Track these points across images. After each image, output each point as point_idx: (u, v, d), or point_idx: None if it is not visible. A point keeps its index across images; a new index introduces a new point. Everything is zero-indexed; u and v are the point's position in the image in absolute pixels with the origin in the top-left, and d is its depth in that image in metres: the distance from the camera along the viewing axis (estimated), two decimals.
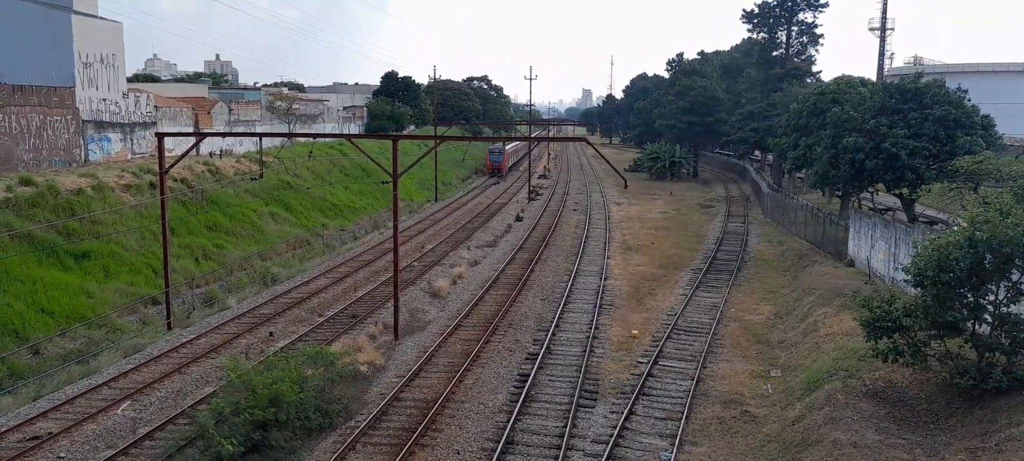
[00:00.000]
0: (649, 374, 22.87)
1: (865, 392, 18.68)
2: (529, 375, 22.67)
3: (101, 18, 44.77)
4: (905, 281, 18.84)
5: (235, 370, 19.28)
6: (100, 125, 41.97)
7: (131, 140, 44.83)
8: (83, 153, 40.42)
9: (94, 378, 22.39)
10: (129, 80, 54.71)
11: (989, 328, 17.12)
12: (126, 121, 44.31)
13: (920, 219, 35.52)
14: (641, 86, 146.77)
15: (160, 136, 29.04)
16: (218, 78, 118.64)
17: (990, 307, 16.98)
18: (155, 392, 21.59)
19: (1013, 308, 16.83)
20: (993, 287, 16.89)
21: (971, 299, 17.02)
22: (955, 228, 20.16)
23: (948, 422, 16.63)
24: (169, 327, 27.40)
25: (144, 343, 25.52)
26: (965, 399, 16.87)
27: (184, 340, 25.85)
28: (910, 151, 32.81)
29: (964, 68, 72.34)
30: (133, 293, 29.37)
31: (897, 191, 35.67)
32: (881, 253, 30.63)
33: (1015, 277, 16.69)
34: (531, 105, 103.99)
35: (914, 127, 33.56)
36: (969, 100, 34.72)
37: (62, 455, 17.90)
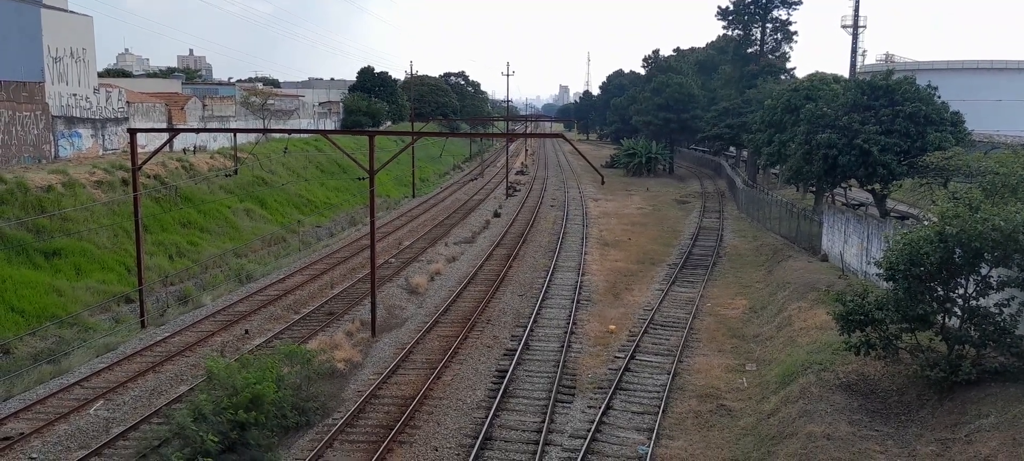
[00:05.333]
0: (626, 369, 23.02)
1: (838, 385, 18.94)
2: (507, 371, 22.70)
3: (71, 12, 44.03)
4: (877, 275, 19.09)
5: (219, 368, 19.08)
6: (70, 121, 41.32)
7: (103, 136, 44.19)
8: (53, 149, 39.78)
9: (66, 377, 22.07)
10: (100, 75, 53.89)
11: (959, 321, 17.39)
12: (97, 117, 43.66)
13: (892, 214, 36.03)
14: (618, 83, 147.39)
15: (132, 132, 28.67)
16: (192, 73, 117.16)
17: (960, 300, 17.26)
18: (129, 391, 21.34)
19: (982, 301, 17.11)
20: (962, 281, 17.18)
21: (941, 293, 17.29)
22: (926, 223, 20.48)
23: (919, 414, 16.90)
24: (143, 325, 27.07)
25: (117, 342, 25.20)
26: (936, 391, 17.15)
27: (158, 338, 25.55)
28: (882, 147, 33.29)
29: (934, 65, 73.46)
30: (105, 291, 28.97)
31: (869, 186, 36.17)
32: (854, 248, 31.06)
33: (984, 271, 16.97)
34: (508, 101, 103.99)
35: (886, 123, 34.06)
36: (939, 97, 35.26)
37: (34, 456, 17.64)
